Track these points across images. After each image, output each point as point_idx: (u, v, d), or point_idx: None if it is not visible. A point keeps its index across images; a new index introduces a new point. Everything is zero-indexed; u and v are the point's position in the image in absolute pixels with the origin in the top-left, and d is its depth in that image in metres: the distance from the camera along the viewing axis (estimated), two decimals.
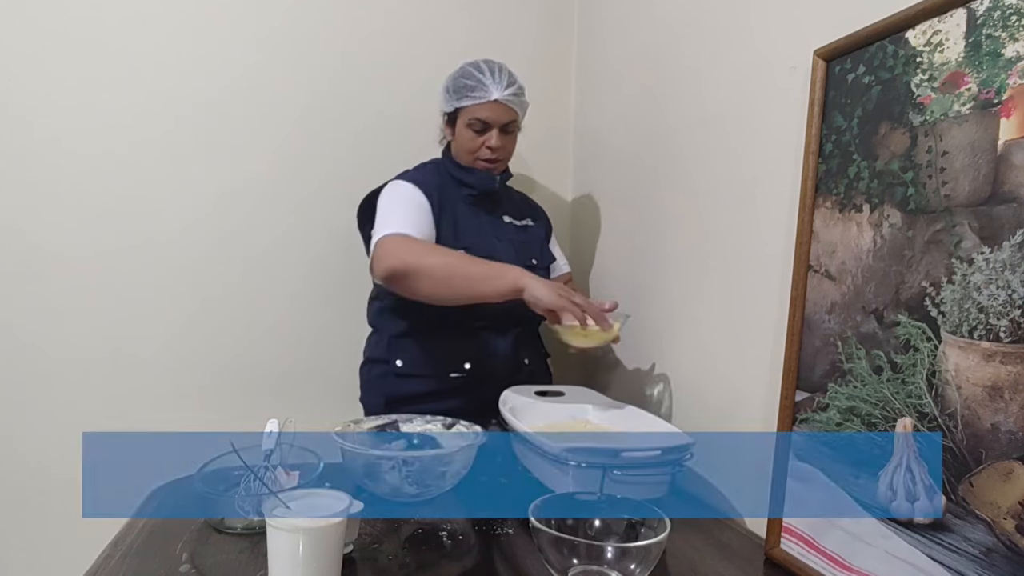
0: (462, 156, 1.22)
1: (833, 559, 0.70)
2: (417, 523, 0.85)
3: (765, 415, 0.88)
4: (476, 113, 1.17)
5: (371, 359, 1.25)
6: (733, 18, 1.00)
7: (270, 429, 0.88)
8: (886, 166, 0.67)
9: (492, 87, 1.16)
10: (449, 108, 1.21)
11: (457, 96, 1.18)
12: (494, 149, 1.19)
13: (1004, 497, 0.54)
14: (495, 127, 1.18)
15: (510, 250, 1.23)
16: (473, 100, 1.17)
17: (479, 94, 1.16)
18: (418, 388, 1.17)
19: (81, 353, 1.32)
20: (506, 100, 1.17)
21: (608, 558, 0.61)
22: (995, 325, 0.55)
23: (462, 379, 1.17)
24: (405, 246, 1.06)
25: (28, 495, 1.31)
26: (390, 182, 1.20)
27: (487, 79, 1.17)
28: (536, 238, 1.32)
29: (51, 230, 1.30)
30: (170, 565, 0.71)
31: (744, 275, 0.95)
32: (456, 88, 1.19)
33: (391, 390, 1.19)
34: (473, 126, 1.18)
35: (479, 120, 1.17)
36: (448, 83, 1.21)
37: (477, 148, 1.20)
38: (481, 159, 1.21)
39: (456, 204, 1.21)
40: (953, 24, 0.61)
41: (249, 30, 1.39)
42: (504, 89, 1.17)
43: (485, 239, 1.21)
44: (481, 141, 1.19)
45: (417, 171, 1.23)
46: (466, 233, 1.19)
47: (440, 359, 1.17)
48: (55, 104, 1.29)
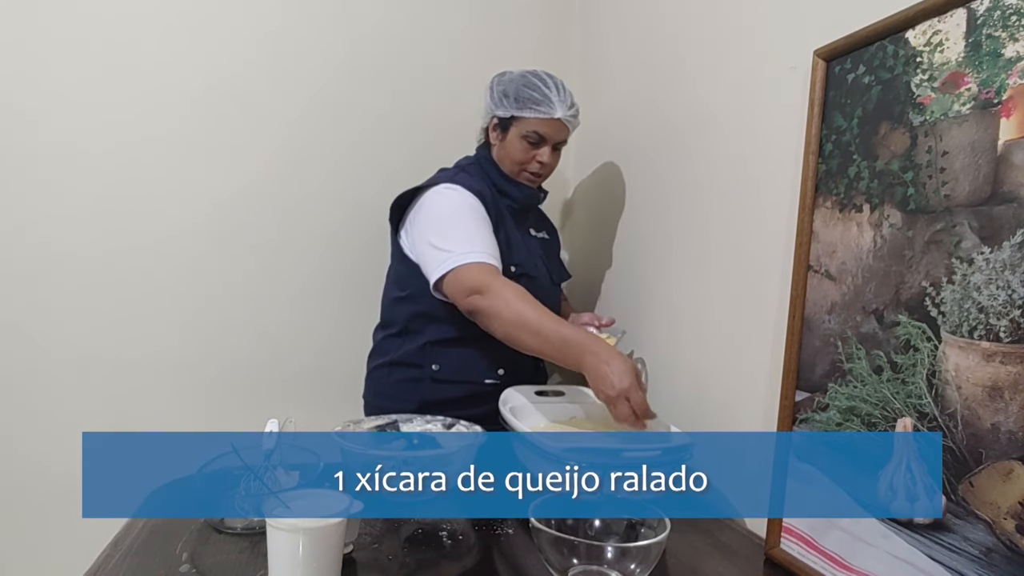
0: (507, 165, 1.20)
1: (833, 559, 0.70)
2: (417, 523, 0.85)
3: (765, 415, 0.88)
4: (536, 127, 1.16)
5: (396, 362, 1.21)
6: (733, 18, 1.00)
7: (270, 429, 0.88)
8: (886, 166, 0.67)
9: (558, 104, 1.15)
10: (506, 114, 1.17)
11: (519, 105, 1.16)
12: (544, 165, 1.19)
13: (1004, 497, 0.54)
14: (549, 144, 1.18)
15: (543, 267, 1.24)
16: (536, 113, 1.15)
17: (544, 109, 1.15)
18: (453, 393, 1.16)
19: (81, 353, 1.32)
20: (567, 120, 1.17)
21: (608, 558, 0.61)
22: (995, 325, 0.55)
23: (495, 385, 1.17)
24: (497, 285, 1.03)
25: (28, 495, 1.31)
26: (439, 184, 1.16)
27: (553, 95, 1.15)
28: (554, 252, 1.33)
29: (51, 230, 1.30)
30: (170, 565, 0.71)
31: (744, 275, 0.95)
32: (519, 96, 1.16)
33: (425, 395, 1.16)
34: (529, 138, 1.16)
35: (537, 134, 1.16)
36: (507, 88, 1.18)
37: (528, 161, 1.18)
38: (529, 171, 1.20)
39: (502, 217, 1.19)
40: (953, 24, 0.61)
41: (249, 29, 1.39)
42: (568, 108, 1.16)
43: (530, 257, 1.21)
44: (533, 155, 1.18)
45: (467, 176, 1.18)
46: (516, 250, 1.18)
47: (477, 366, 1.17)
48: (55, 104, 1.28)
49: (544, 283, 1.23)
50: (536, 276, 1.19)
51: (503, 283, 1.04)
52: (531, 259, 1.21)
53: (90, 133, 1.31)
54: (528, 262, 1.20)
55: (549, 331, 0.99)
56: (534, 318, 1.00)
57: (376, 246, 1.29)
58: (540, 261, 1.25)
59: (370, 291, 1.31)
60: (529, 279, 1.17)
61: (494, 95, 1.19)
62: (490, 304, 1.02)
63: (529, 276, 1.18)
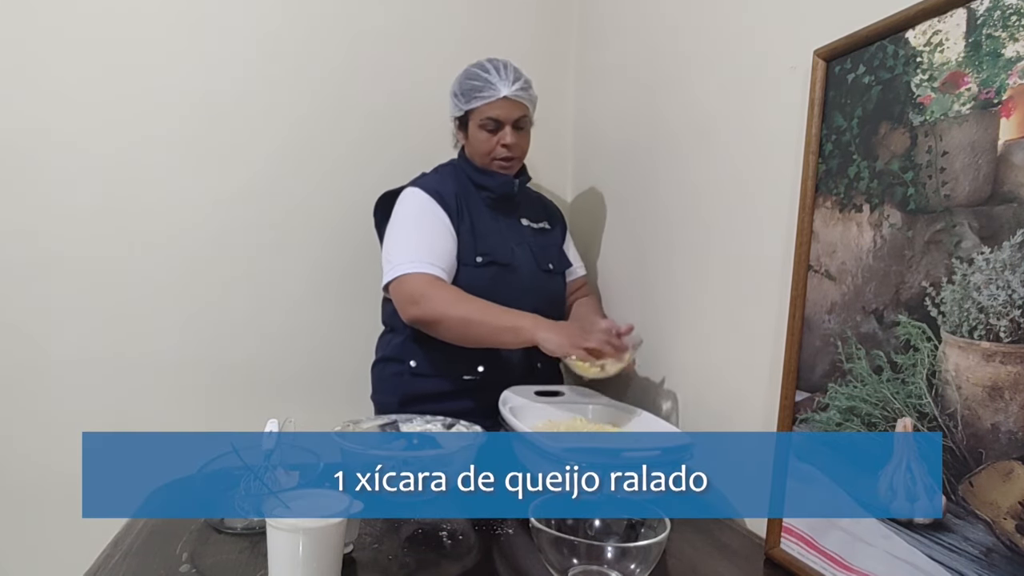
0: (478, 158, 1.22)
1: (833, 559, 0.70)
2: (417, 523, 0.85)
3: (765, 415, 0.88)
4: (487, 112, 1.17)
5: (385, 358, 1.25)
6: (733, 18, 1.00)
7: (270, 429, 0.88)
8: (886, 166, 0.67)
9: (500, 84, 1.16)
10: (459, 112, 1.20)
11: (466, 99, 1.18)
12: (509, 147, 1.19)
13: (1004, 497, 0.54)
14: (508, 124, 1.18)
15: (528, 255, 1.24)
16: (482, 100, 1.16)
17: (488, 93, 1.16)
18: (432, 388, 1.18)
19: (81, 353, 1.32)
20: (515, 96, 1.17)
21: (608, 558, 0.61)
22: (995, 325, 0.55)
23: (475, 381, 1.17)
24: (430, 294, 1.07)
25: (28, 495, 1.31)
26: (408, 187, 1.20)
27: (493, 77, 1.17)
28: (553, 242, 1.32)
29: (52, 230, 1.30)
30: (170, 565, 0.71)
31: (744, 275, 0.95)
32: (464, 91, 1.18)
33: (406, 389, 1.19)
34: (486, 126, 1.18)
35: (491, 119, 1.17)
36: (455, 87, 1.21)
37: (492, 148, 1.19)
38: (497, 158, 1.20)
39: (475, 208, 1.21)
40: (953, 24, 0.61)
41: (248, 29, 1.39)
42: (512, 85, 1.17)
43: (504, 245, 1.21)
44: (495, 140, 1.19)
45: (435, 176, 1.22)
46: (485, 238, 1.19)
47: (454, 361, 1.17)
48: (56, 104, 1.28)
49: (527, 270, 1.23)
50: (512, 263, 1.20)
51: (438, 288, 1.08)
52: (506, 247, 1.21)
53: (90, 133, 1.31)
54: (500, 250, 1.20)
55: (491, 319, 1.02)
56: (474, 311, 1.03)
57: (376, 246, 1.29)
58: (525, 249, 1.24)
59: (370, 291, 1.31)
60: (500, 267, 1.18)
61: (450, 99, 1.23)
62: (426, 311, 1.07)
63: (499, 264, 1.18)
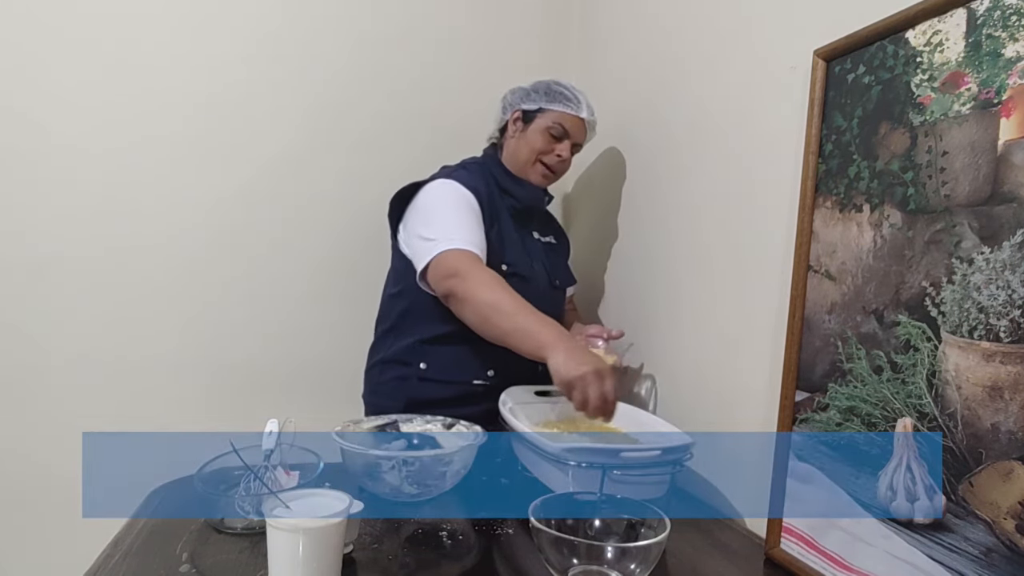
0: (519, 161, 1.22)
1: (833, 559, 0.70)
2: (417, 523, 0.85)
3: (765, 415, 0.88)
4: (563, 121, 1.19)
5: (386, 360, 1.21)
6: (733, 18, 1.00)
7: (270, 429, 0.88)
8: (886, 166, 0.67)
9: (583, 105, 1.21)
10: (533, 106, 1.21)
11: (548, 98, 1.20)
12: (562, 160, 1.22)
13: (1004, 497, 0.54)
14: (571, 140, 1.21)
15: (541, 269, 1.24)
16: (565, 107, 1.19)
17: (572, 106, 1.20)
18: (440, 393, 1.15)
19: (81, 353, 1.32)
20: (589, 123, 1.22)
21: (608, 558, 0.61)
22: (995, 325, 0.55)
23: (484, 386, 1.16)
24: (472, 271, 1.04)
25: (28, 495, 1.31)
26: (437, 179, 1.18)
27: (580, 97, 1.21)
28: (561, 259, 1.34)
29: (52, 230, 1.30)
30: (170, 565, 0.71)
31: (744, 275, 0.95)
32: (549, 91, 1.20)
33: (410, 393, 1.16)
34: (553, 130, 1.19)
35: (562, 127, 1.19)
36: (536, 86, 1.22)
37: (548, 152, 1.21)
38: (546, 164, 1.22)
39: (501, 215, 1.20)
40: (953, 24, 0.61)
41: (249, 30, 1.39)
42: (591, 114, 1.22)
43: (524, 257, 1.21)
44: (554, 147, 1.21)
45: (466, 173, 1.19)
46: (509, 249, 1.18)
47: (465, 366, 1.16)
48: (56, 104, 1.28)
49: (540, 285, 1.23)
50: (530, 277, 1.20)
51: (481, 269, 1.06)
52: (526, 260, 1.21)
53: (90, 134, 1.31)
54: (522, 262, 1.20)
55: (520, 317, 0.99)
56: (508, 303, 1.01)
57: (376, 246, 1.29)
58: (539, 264, 1.25)
59: (370, 291, 1.31)
60: (521, 279, 1.17)
61: (518, 93, 1.24)
62: (465, 287, 1.03)
63: (521, 276, 1.18)
